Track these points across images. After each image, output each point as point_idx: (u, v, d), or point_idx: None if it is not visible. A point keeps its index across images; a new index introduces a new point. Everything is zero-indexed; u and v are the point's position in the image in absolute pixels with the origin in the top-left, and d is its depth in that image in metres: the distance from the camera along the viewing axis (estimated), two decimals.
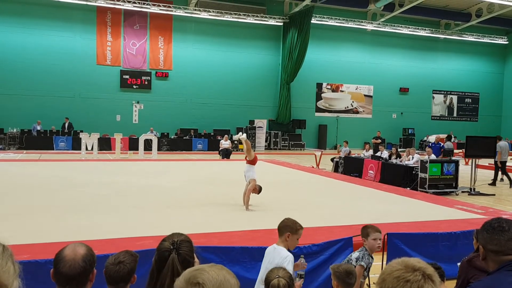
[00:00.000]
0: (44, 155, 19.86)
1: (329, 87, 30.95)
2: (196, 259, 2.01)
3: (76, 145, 22.23)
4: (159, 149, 22.13)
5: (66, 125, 24.40)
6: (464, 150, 13.95)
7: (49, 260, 3.54)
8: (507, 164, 15.81)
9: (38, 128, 23.58)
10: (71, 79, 25.32)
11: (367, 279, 4.13)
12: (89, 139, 19.78)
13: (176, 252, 1.86)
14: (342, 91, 31.23)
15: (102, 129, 23.88)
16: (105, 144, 22.93)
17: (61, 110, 24.81)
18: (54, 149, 22.78)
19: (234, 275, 1.30)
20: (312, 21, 27.44)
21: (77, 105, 25.46)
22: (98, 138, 20.59)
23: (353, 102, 31.49)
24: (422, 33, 31.06)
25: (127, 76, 26.42)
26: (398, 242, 5.51)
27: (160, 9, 25.92)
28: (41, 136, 23.28)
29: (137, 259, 2.57)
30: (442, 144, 18.02)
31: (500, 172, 15.64)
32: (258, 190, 8.86)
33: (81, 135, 20.36)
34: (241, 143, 14.50)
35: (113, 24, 26.15)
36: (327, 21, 28.66)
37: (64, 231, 6.76)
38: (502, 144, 16.78)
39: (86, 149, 19.51)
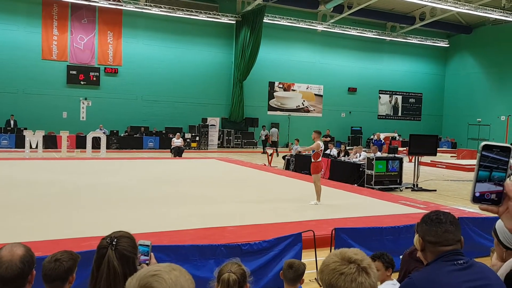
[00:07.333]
0: None
1: (281, 86, 31.28)
2: (153, 259, 2.00)
3: (19, 143, 21.15)
4: (108, 147, 21.50)
5: (12, 122, 23.19)
6: (408, 148, 14.53)
7: None
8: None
9: None
10: (14, 74, 24.05)
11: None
12: (33, 137, 18.91)
13: (113, 248, 1.85)
14: (294, 90, 31.66)
15: (47, 127, 22.81)
16: (50, 142, 21.96)
17: (3, 106, 23.53)
18: None
19: (192, 279, 1.24)
20: (264, 21, 27.60)
21: (21, 102, 24.23)
22: (43, 136, 19.69)
23: (304, 101, 32.00)
24: (369, 34, 32.03)
25: (74, 72, 25.45)
26: (345, 237, 5.69)
27: (109, 3, 25.16)
28: None
29: (78, 259, 2.49)
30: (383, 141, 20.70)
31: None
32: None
33: (25, 133, 19.41)
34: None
35: (59, 18, 25.09)
36: (279, 21, 28.94)
37: (3, 232, 6.43)
38: (273, 130, 26.12)
39: (30, 147, 18.63)
